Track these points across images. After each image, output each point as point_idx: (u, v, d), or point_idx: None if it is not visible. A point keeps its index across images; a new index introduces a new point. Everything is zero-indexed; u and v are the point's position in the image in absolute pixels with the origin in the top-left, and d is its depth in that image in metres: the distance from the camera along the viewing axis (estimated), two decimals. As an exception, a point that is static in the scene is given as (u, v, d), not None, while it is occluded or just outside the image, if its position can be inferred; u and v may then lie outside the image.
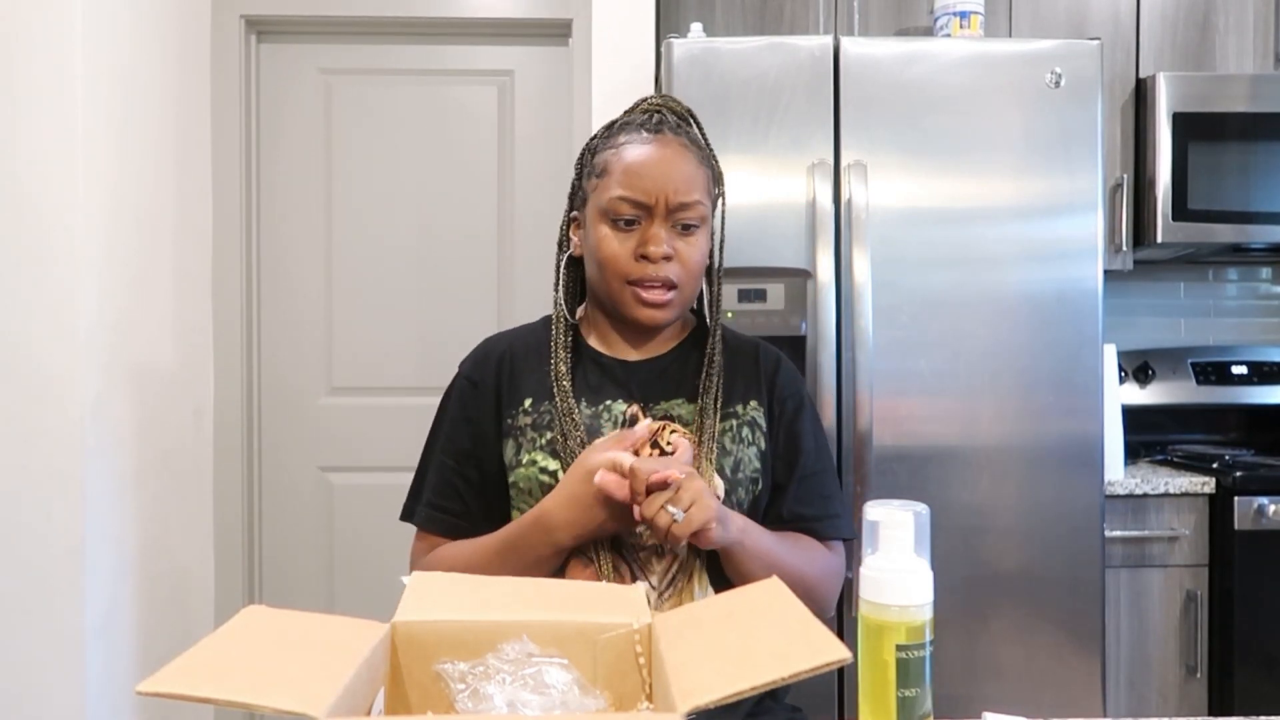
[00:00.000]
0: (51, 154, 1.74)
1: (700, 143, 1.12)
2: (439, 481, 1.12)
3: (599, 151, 1.10)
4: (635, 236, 1.05)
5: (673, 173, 1.05)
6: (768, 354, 1.17)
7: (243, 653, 0.55)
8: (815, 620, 0.57)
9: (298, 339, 2.45)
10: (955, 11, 2.03)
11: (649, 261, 1.05)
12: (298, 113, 2.44)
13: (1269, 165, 2.20)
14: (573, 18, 2.36)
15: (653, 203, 1.04)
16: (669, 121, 1.10)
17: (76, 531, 1.76)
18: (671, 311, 1.08)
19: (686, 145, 1.08)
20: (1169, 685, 2.05)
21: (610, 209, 1.06)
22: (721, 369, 1.10)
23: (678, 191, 1.04)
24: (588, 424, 1.07)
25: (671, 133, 1.08)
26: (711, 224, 1.12)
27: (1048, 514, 1.79)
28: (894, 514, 0.70)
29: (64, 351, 1.75)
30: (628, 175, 1.05)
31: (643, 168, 1.05)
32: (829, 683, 1.77)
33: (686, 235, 1.07)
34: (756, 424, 1.10)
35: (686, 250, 1.06)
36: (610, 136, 1.10)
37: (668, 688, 0.53)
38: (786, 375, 1.16)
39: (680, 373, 1.12)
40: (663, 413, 1.08)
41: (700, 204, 1.06)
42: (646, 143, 1.06)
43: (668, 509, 0.89)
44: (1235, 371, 2.49)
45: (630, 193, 1.04)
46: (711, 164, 1.12)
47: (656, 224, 1.05)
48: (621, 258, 1.06)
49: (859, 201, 1.75)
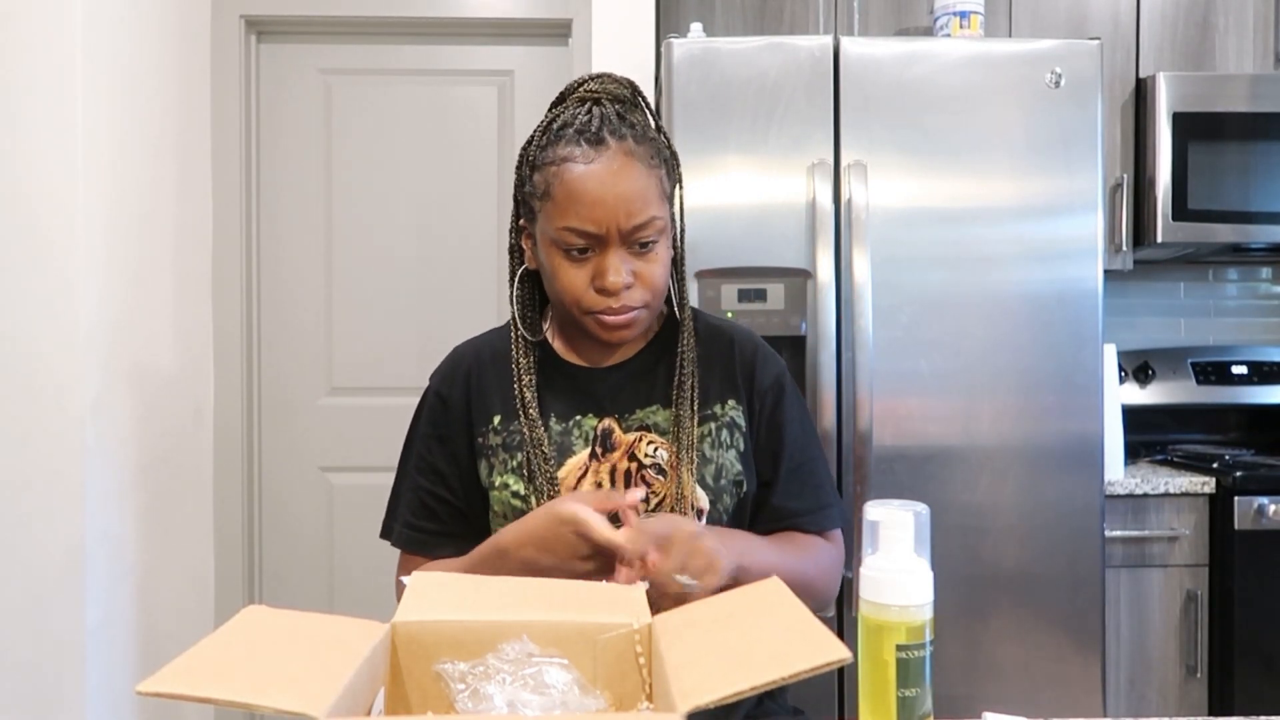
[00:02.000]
0: (51, 154, 1.74)
1: (648, 133, 1.01)
2: (414, 501, 1.08)
3: (538, 166, 0.99)
4: (591, 266, 0.97)
5: (621, 195, 0.95)
6: (743, 343, 1.10)
7: (243, 653, 0.55)
8: (815, 620, 0.57)
9: (297, 339, 2.45)
10: (955, 11, 2.03)
11: (608, 294, 0.97)
12: (298, 113, 2.44)
13: (1269, 165, 2.20)
14: (573, 18, 2.36)
15: (604, 233, 0.95)
16: (610, 119, 0.98)
17: (76, 531, 1.76)
18: (637, 329, 1.01)
19: (632, 151, 0.97)
20: (1169, 685, 2.05)
21: (560, 239, 0.97)
22: (696, 367, 1.05)
23: (630, 215, 0.95)
24: (559, 441, 1.02)
25: (614, 138, 0.97)
26: (671, 226, 1.03)
27: (1048, 514, 1.79)
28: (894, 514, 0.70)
29: (64, 351, 1.75)
30: (574, 205, 0.95)
31: (588, 194, 0.94)
32: (829, 683, 1.77)
33: (645, 254, 0.98)
34: (735, 424, 1.05)
35: (648, 270, 0.98)
36: (547, 146, 0.99)
37: (668, 688, 0.53)
38: (765, 365, 1.08)
39: (653, 377, 1.06)
40: (638, 422, 1.03)
41: (656, 219, 0.97)
42: (589, 160, 0.95)
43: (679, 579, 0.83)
44: (1235, 371, 2.49)
45: (579, 224, 0.95)
46: (664, 154, 1.02)
47: (611, 253, 0.96)
48: (578, 288, 0.98)
49: (859, 201, 1.75)
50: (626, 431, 1.03)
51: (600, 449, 1.02)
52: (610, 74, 1.04)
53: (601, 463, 1.02)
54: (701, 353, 1.07)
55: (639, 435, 1.02)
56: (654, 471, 1.01)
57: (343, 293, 2.44)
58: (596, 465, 1.02)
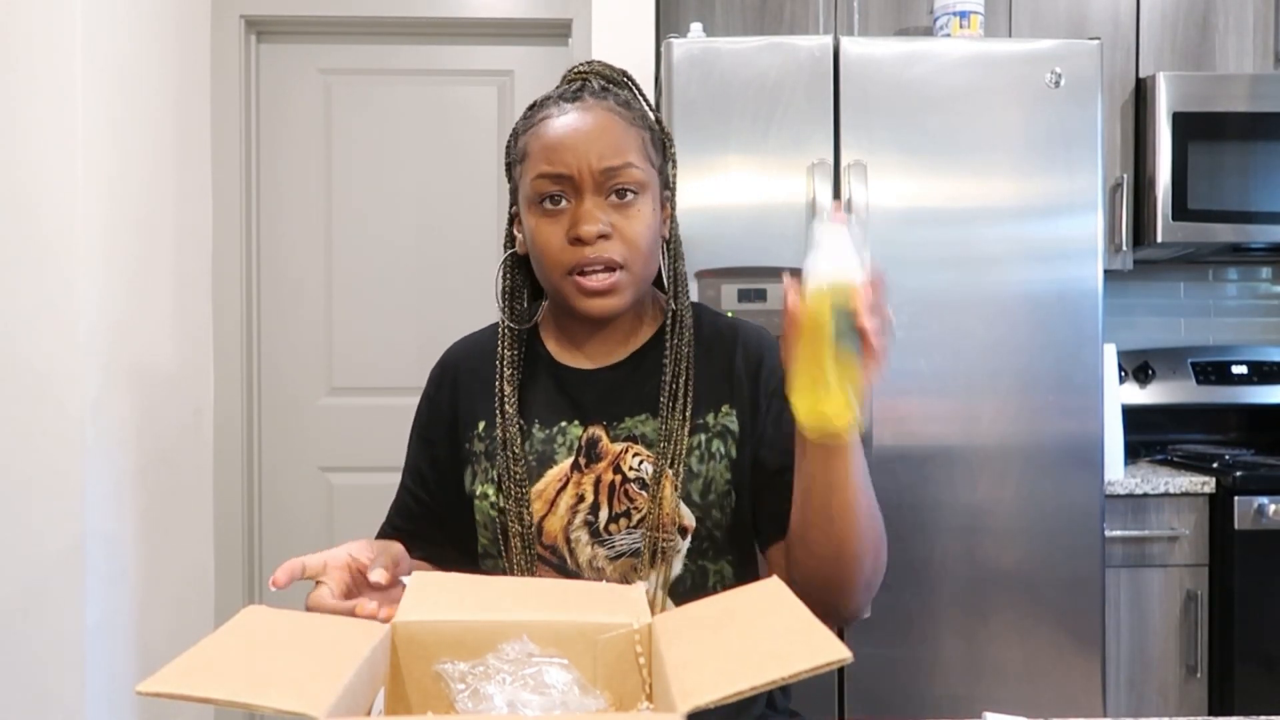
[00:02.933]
0: (51, 154, 1.74)
1: (634, 104, 0.99)
2: (399, 501, 1.10)
3: (520, 135, 0.99)
4: (566, 217, 0.94)
5: (594, 138, 0.93)
6: (750, 342, 1.03)
7: (243, 653, 0.55)
8: (815, 620, 0.57)
9: (298, 339, 2.45)
10: (955, 11, 2.03)
11: (584, 244, 0.92)
12: (298, 113, 2.44)
13: (1269, 165, 2.20)
14: (573, 18, 2.36)
15: (575, 174, 0.92)
16: (592, 86, 0.98)
17: (76, 531, 1.76)
18: (621, 297, 0.95)
19: (611, 109, 0.96)
20: (1169, 685, 2.05)
21: (535, 191, 0.94)
22: (690, 372, 0.98)
23: (602, 156, 0.92)
24: (540, 450, 0.99)
25: (593, 97, 0.96)
26: (659, 193, 0.99)
27: (1048, 514, 1.79)
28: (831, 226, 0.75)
29: (64, 351, 1.75)
30: (546, 150, 0.93)
31: (560, 139, 0.93)
32: (829, 683, 1.77)
33: (624, 207, 0.94)
34: (728, 432, 0.98)
35: (625, 224, 0.94)
36: (530, 116, 0.99)
37: (668, 688, 0.53)
38: (772, 363, 1.01)
39: (644, 381, 1.00)
40: (626, 432, 0.98)
41: (633, 166, 0.94)
42: (564, 113, 0.95)
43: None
44: (1235, 371, 2.49)
45: (550, 167, 0.93)
46: (650, 125, 1.00)
47: (587, 200, 0.93)
48: (554, 245, 0.94)
49: (859, 201, 1.75)
50: (614, 441, 0.99)
51: (584, 459, 0.98)
52: (604, 62, 1.04)
53: (584, 474, 0.98)
54: (700, 356, 1.01)
55: (625, 447, 0.98)
56: (637, 486, 0.97)
57: (343, 293, 2.44)
58: (579, 477, 0.98)
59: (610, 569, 0.97)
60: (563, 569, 0.98)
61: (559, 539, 0.98)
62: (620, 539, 0.97)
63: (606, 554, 0.97)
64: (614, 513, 0.97)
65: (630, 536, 0.97)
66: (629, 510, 0.97)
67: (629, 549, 0.96)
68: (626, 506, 0.96)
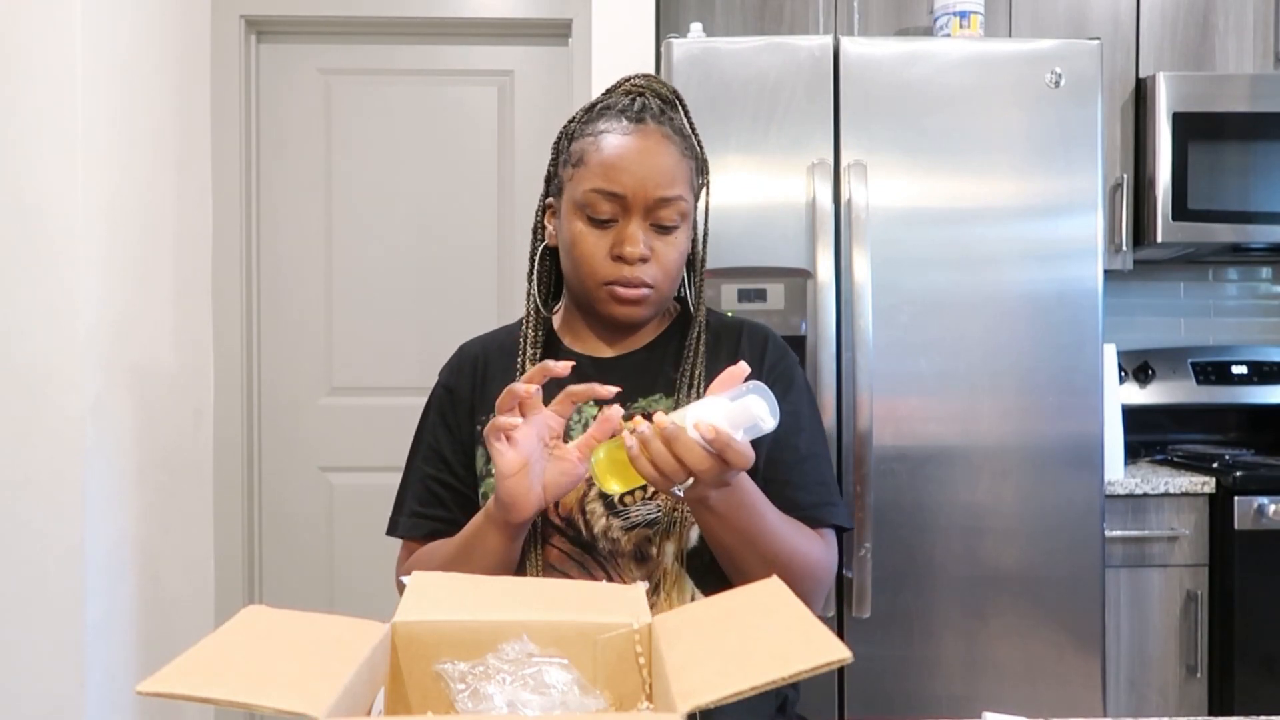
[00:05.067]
0: (52, 154, 1.74)
1: (685, 130, 1.05)
2: (422, 490, 1.08)
3: (576, 138, 1.03)
4: (611, 235, 0.99)
5: (653, 166, 0.98)
6: (754, 334, 1.10)
7: (243, 653, 0.55)
8: (815, 620, 0.57)
9: (298, 339, 2.45)
10: (955, 11, 2.03)
11: (625, 263, 0.99)
12: (298, 113, 2.44)
13: (1269, 165, 2.20)
14: (573, 18, 2.36)
15: (630, 197, 0.98)
16: (651, 108, 1.03)
17: (76, 531, 1.76)
18: (647, 309, 1.03)
19: (669, 135, 1.01)
20: (1169, 685, 2.05)
21: (586, 203, 0.99)
22: (704, 359, 1.04)
23: (658, 186, 0.98)
24: None
25: (654, 121, 1.01)
26: (694, 217, 1.06)
27: (1048, 514, 1.79)
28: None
29: (64, 352, 1.75)
30: (605, 168, 0.98)
31: (621, 160, 0.98)
32: (829, 683, 1.77)
33: (665, 235, 1.01)
34: None
35: (664, 251, 1.00)
36: (589, 122, 1.03)
37: (668, 688, 0.53)
38: (775, 355, 1.08)
39: (658, 365, 1.06)
40: (640, 411, 1.02)
41: (681, 200, 1.00)
42: (626, 133, 0.99)
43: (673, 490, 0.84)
44: (1235, 371, 2.49)
45: (607, 185, 0.98)
46: (696, 153, 1.06)
47: (634, 222, 0.99)
48: (597, 257, 1.00)
49: (859, 201, 1.75)
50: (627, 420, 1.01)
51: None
52: (658, 77, 1.09)
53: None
54: (710, 345, 1.06)
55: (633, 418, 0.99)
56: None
57: (343, 293, 2.44)
58: None
59: (625, 539, 0.99)
60: (578, 540, 1.01)
61: (574, 510, 1.00)
62: (635, 510, 0.99)
63: (621, 525, 0.99)
64: None
65: (646, 507, 0.99)
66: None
67: (644, 519, 0.99)
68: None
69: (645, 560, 0.99)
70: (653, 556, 0.99)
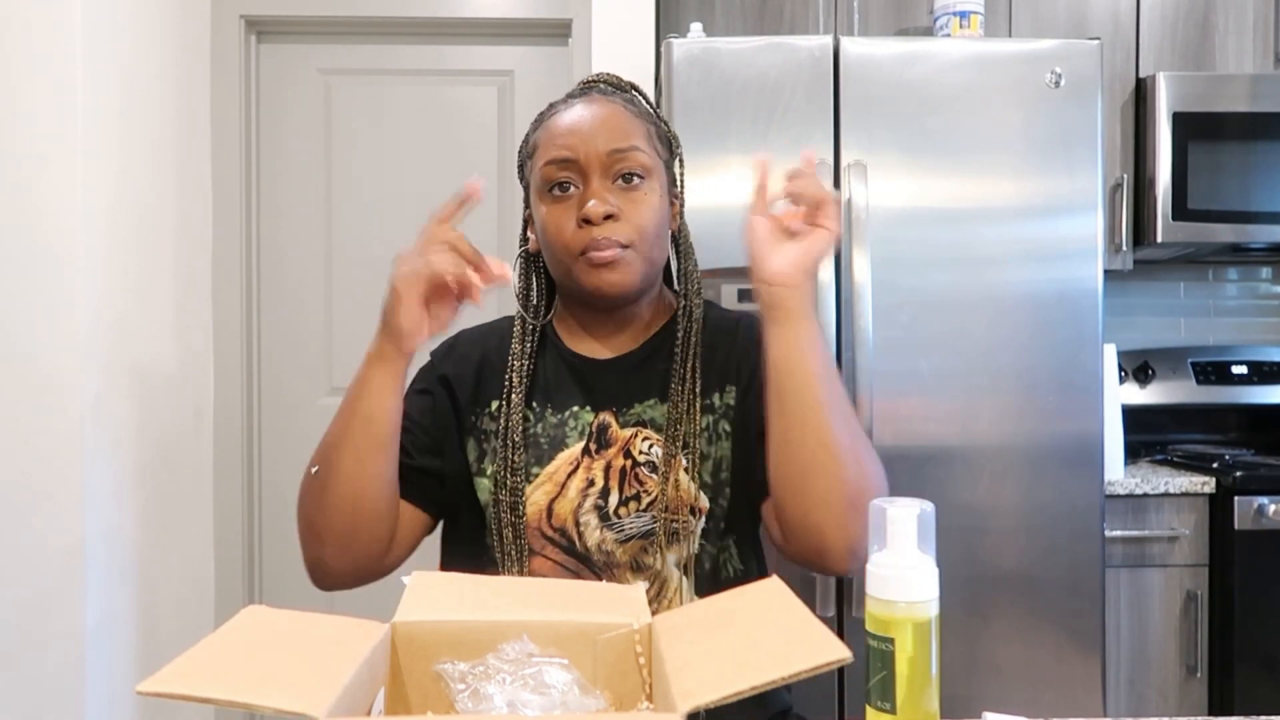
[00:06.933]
0: (52, 154, 1.74)
1: (640, 104, 1.03)
2: None
3: (529, 136, 1.04)
4: (574, 202, 0.97)
5: (601, 123, 0.97)
6: (752, 325, 1.01)
7: (243, 653, 0.55)
8: (815, 620, 0.57)
9: (298, 339, 2.45)
10: (955, 11, 2.03)
11: (591, 224, 0.95)
12: (298, 113, 2.44)
13: (1269, 165, 2.20)
14: (573, 18, 2.36)
15: (581, 158, 0.96)
16: (599, 87, 1.04)
17: (76, 531, 1.76)
18: (628, 273, 0.97)
19: (618, 101, 1.00)
20: (1169, 685, 2.05)
21: (543, 179, 0.98)
22: (697, 357, 1.01)
23: (609, 140, 0.96)
24: (553, 433, 1.01)
25: (600, 94, 1.01)
26: (666, 185, 1.02)
27: (1048, 514, 1.79)
28: (898, 510, 0.71)
29: (64, 351, 1.75)
30: (552, 138, 0.98)
31: (568, 127, 0.97)
32: (829, 683, 1.77)
33: (631, 190, 0.97)
34: (731, 410, 1.01)
35: (632, 208, 0.96)
36: (539, 117, 1.04)
37: (668, 688, 0.53)
38: None
39: (653, 368, 1.02)
40: (635, 417, 1.00)
41: (639, 150, 0.97)
42: (570, 107, 1.00)
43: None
44: (1235, 371, 2.49)
45: (557, 153, 0.96)
46: (656, 121, 1.04)
47: (594, 183, 0.96)
48: (565, 229, 0.96)
49: (859, 201, 1.75)
50: (623, 427, 1.00)
51: (595, 445, 1.00)
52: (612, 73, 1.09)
53: (595, 459, 1.00)
54: (706, 342, 1.04)
55: (635, 432, 0.99)
56: (647, 470, 0.98)
57: (343, 293, 2.44)
58: (589, 462, 1.00)
59: (620, 551, 0.98)
60: (571, 551, 0.99)
61: (568, 522, 0.99)
62: (630, 522, 0.98)
63: (616, 537, 0.98)
64: (624, 497, 0.98)
65: (640, 520, 0.98)
66: (639, 494, 0.98)
67: (638, 532, 0.98)
68: (636, 490, 0.98)
69: (643, 570, 0.98)
70: (650, 566, 0.98)
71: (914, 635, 0.69)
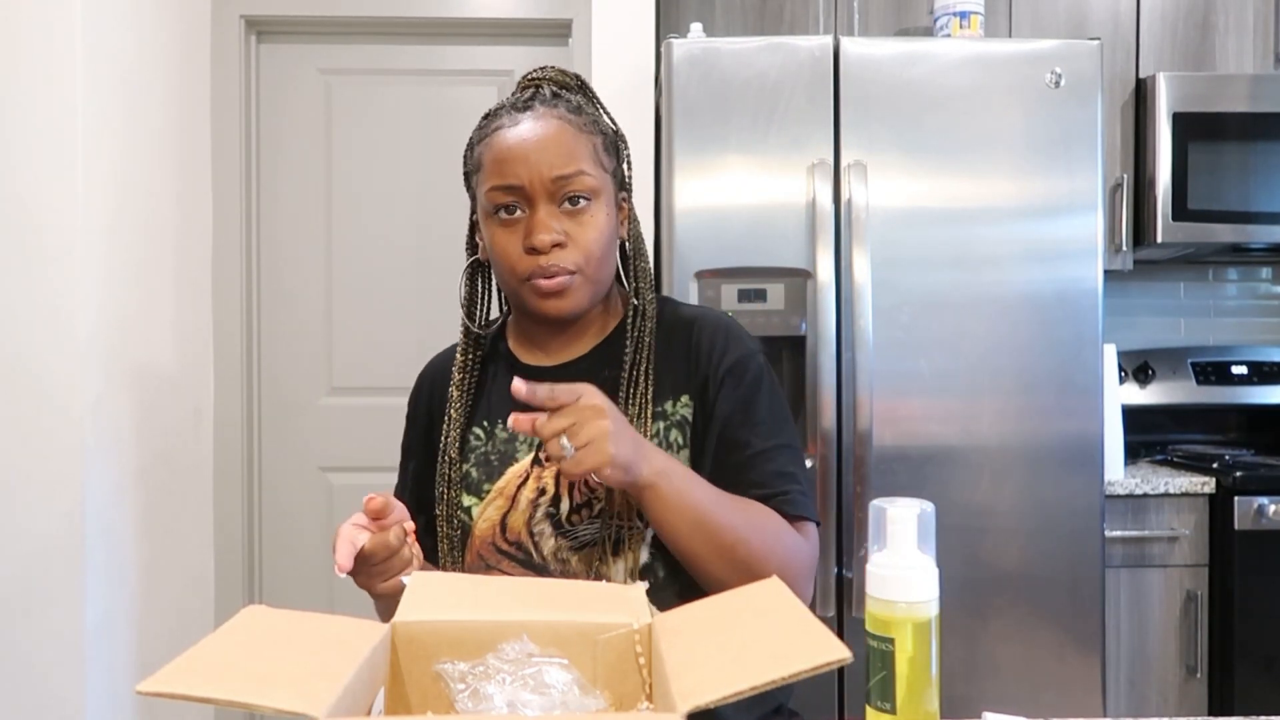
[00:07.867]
0: (52, 155, 1.74)
1: (584, 109, 1.01)
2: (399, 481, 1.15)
3: (474, 145, 1.02)
4: (521, 227, 0.96)
5: (544, 149, 0.95)
6: (707, 327, 1.02)
7: (243, 653, 0.55)
8: (815, 620, 0.57)
9: (297, 339, 2.45)
10: (955, 11, 2.03)
11: (539, 253, 0.94)
12: (298, 113, 2.44)
13: (1269, 165, 2.20)
14: (573, 18, 2.36)
15: (526, 184, 0.94)
16: (543, 94, 1.00)
17: (76, 531, 1.76)
18: (575, 299, 0.97)
19: (561, 115, 0.97)
20: (1169, 685, 2.05)
21: (491, 203, 0.97)
22: (650, 363, 0.99)
23: (552, 166, 0.94)
24: (502, 449, 1.01)
25: (543, 105, 0.98)
26: (614, 196, 1.01)
27: (1048, 514, 1.79)
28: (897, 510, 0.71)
29: (64, 352, 1.75)
30: (497, 163, 0.96)
31: (510, 151, 0.95)
32: (829, 683, 1.77)
33: (577, 214, 0.96)
34: (685, 423, 0.99)
35: (579, 232, 0.96)
36: (483, 127, 1.01)
37: (668, 688, 0.53)
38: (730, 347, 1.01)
39: (603, 372, 1.00)
40: None
41: (584, 174, 0.96)
42: (514, 124, 0.97)
43: (560, 441, 0.81)
44: (1235, 371, 2.49)
45: (502, 180, 0.95)
46: (603, 129, 1.01)
47: (540, 209, 0.95)
48: (512, 254, 0.96)
49: (859, 201, 1.75)
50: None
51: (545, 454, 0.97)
52: (557, 66, 1.06)
53: (545, 467, 0.98)
54: (660, 346, 1.02)
55: None
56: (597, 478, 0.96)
57: (343, 293, 2.44)
58: (539, 471, 0.98)
59: (575, 560, 0.97)
60: (528, 564, 0.98)
61: (522, 534, 0.99)
62: (583, 529, 0.97)
63: (570, 545, 0.97)
64: (575, 504, 0.97)
65: (593, 526, 0.97)
66: (590, 500, 0.97)
67: (592, 539, 0.97)
68: (588, 497, 0.97)
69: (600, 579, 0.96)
70: (606, 576, 0.97)
71: (914, 635, 0.69)
